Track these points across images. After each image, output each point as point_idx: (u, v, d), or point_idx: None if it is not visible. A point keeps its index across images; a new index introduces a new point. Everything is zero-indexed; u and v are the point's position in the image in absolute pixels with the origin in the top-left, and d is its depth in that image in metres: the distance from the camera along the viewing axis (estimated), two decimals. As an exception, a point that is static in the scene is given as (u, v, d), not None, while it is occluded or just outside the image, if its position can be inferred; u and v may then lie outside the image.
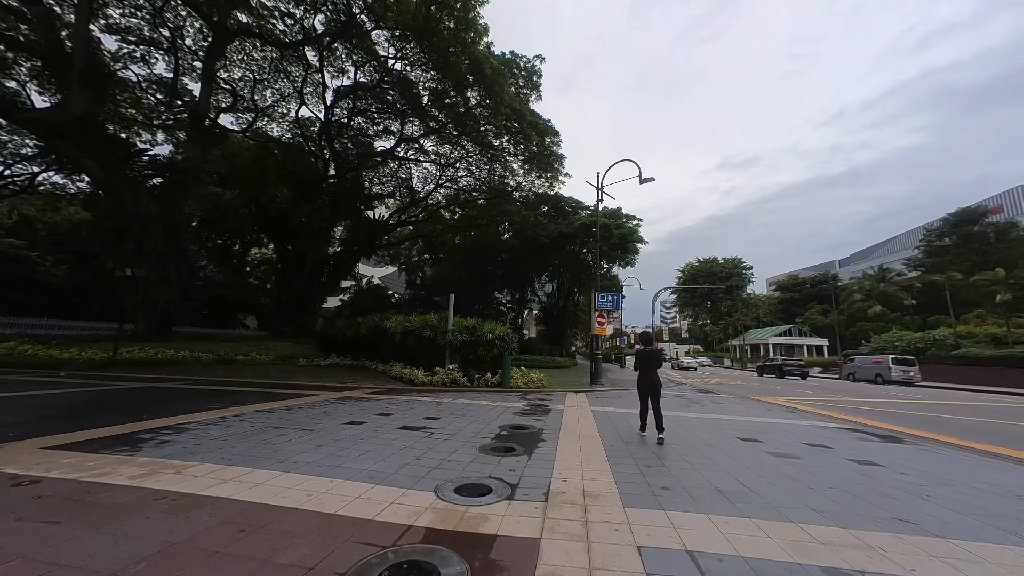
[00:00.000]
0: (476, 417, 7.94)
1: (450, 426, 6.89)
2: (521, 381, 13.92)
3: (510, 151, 28.75)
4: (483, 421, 7.51)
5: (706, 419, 8.92)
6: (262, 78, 25.94)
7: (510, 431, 6.70)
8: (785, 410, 11.06)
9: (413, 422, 7.15)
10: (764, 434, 7.30)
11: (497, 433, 6.51)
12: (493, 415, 8.24)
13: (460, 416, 7.96)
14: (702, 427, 7.85)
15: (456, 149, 30.32)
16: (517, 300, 39.62)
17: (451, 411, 8.57)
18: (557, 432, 6.77)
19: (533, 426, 7.19)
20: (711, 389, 17.67)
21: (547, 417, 8.30)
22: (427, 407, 9.04)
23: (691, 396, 14.03)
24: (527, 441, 6.02)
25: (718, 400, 13.02)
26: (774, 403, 12.72)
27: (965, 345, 28.85)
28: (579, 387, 15.17)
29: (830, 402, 13.80)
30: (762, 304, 63.40)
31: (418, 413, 8.14)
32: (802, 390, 18.91)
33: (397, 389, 12.42)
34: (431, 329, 13.99)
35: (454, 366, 13.43)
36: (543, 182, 30.71)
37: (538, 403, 10.34)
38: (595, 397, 12.56)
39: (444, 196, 35.19)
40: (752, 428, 7.93)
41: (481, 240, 34.90)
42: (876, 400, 14.88)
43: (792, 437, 7.12)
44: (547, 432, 6.75)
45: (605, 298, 16.16)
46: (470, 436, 6.19)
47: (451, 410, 8.70)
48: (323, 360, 17.71)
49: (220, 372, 14.71)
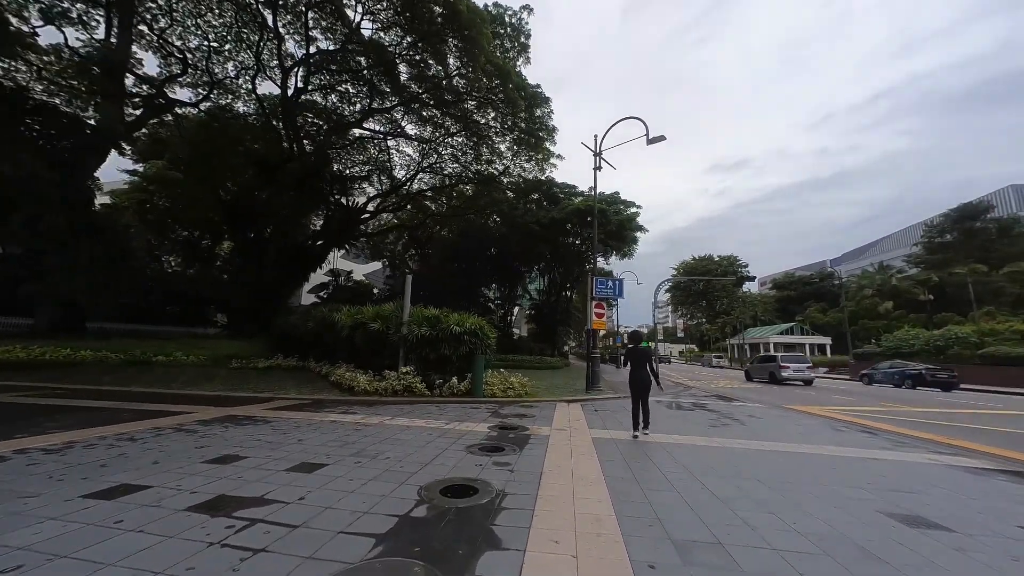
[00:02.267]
0: (396, 459, 4.58)
1: (324, 493, 3.50)
2: (498, 388, 10.56)
3: (496, 130, 25.48)
4: (400, 472, 4.14)
5: (770, 453, 5.60)
6: (221, 49, 22.50)
7: (434, 504, 3.33)
8: (859, 430, 7.77)
9: (251, 485, 3.76)
10: (912, 495, 3.97)
11: (403, 513, 3.14)
12: (429, 454, 4.87)
13: (369, 460, 4.58)
14: (790, 478, 4.50)
15: (438, 131, 26.98)
16: (506, 296, 36.24)
17: (365, 445, 5.20)
18: (532, 500, 3.42)
19: (489, 485, 3.82)
20: (728, 394, 14.40)
21: (520, 456, 4.95)
22: (333, 435, 5.66)
23: (714, 406, 10.73)
24: (458, 540, 2.67)
25: (752, 412, 9.74)
26: (825, 415, 9.46)
27: (990, 343, 25.88)
28: (573, 394, 11.84)
29: (887, 412, 10.56)
30: (759, 303, 60.48)
31: (296, 453, 4.76)
32: (834, 395, 15.67)
33: (327, 401, 9.01)
34: (381, 321, 10.60)
35: (408, 369, 10.03)
36: (533, 166, 27.45)
37: (513, 424, 6.98)
38: (593, 411, 9.22)
39: (428, 185, 31.86)
40: (872, 476, 4.61)
41: (468, 231, 31.58)
42: (938, 410, 11.65)
43: (971, 500, 3.81)
44: (512, 501, 3.40)
45: (604, 285, 12.86)
46: (336, 527, 2.83)
47: (367, 443, 5.33)
48: (264, 361, 14.32)
49: (120, 377, 11.23)
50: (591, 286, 12.73)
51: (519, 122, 23.03)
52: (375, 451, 4.87)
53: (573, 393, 12.12)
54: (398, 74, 22.77)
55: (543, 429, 6.59)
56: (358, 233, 30.34)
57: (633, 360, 6.60)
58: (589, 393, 12.15)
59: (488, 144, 26.74)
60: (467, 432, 6.18)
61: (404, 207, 32.40)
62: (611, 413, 8.82)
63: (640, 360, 6.52)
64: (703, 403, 11.42)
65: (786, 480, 4.29)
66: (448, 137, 27.58)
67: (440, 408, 8.57)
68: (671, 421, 8.00)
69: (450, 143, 28.23)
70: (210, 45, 22.07)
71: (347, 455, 4.64)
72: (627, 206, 25.59)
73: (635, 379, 6.42)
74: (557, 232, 25.71)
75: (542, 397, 10.87)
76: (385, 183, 29.58)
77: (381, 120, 26.20)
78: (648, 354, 6.69)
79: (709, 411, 9.71)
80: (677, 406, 10.49)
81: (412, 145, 29.51)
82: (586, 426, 7.05)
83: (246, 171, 23.63)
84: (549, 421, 7.41)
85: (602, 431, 6.69)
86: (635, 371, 6.47)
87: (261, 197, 23.91)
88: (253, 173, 24.07)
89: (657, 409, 9.50)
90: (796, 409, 10.85)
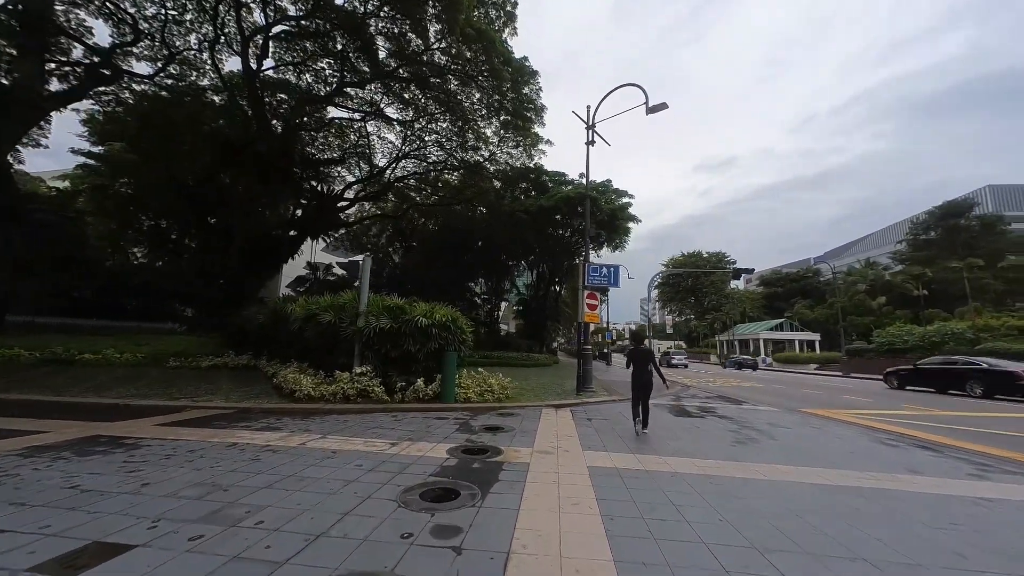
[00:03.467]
0: (270, 527, 2.75)
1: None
2: (474, 391, 8.77)
3: (482, 113, 23.58)
4: (252, 566, 2.31)
5: (840, 491, 3.90)
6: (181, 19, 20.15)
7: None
8: (914, 444, 6.16)
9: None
10: None
11: None
12: (334, 509, 3.06)
13: (218, 532, 2.74)
14: (911, 550, 2.79)
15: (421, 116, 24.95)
16: (493, 291, 34.42)
17: (241, 494, 3.35)
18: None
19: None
20: (729, 394, 12.84)
21: (480, 510, 3.16)
22: (209, 473, 3.80)
23: (723, 410, 9.10)
24: None
25: (771, 419, 8.11)
26: (854, 421, 7.89)
27: (986, 339, 24.94)
28: (561, 396, 10.11)
29: (916, 417, 9.04)
30: (747, 299, 59.64)
31: (106, 517, 2.91)
32: (844, 396, 14.23)
33: (254, 411, 7.11)
34: (334, 312, 8.71)
35: (364, 369, 8.16)
36: (520, 152, 25.59)
37: (484, 444, 5.20)
38: (586, 420, 7.49)
39: (411, 173, 29.80)
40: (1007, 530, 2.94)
41: (453, 223, 29.71)
42: (970, 414, 10.21)
43: None
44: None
45: (597, 272, 11.12)
46: None
47: (249, 487, 3.48)
48: (209, 360, 12.33)
49: (19, 380, 9.13)
50: (583, 273, 11.00)
51: (506, 102, 21.17)
52: (248, 506, 3.04)
53: (562, 395, 10.39)
54: (376, 49, 20.73)
55: (521, 452, 4.83)
56: (336, 222, 28.15)
57: (636, 360, 6.46)
58: (580, 395, 10.44)
59: (473, 129, 24.83)
60: (416, 459, 4.38)
61: (385, 196, 30.32)
62: (608, 422, 7.10)
63: (643, 360, 6.38)
64: (710, 406, 9.79)
65: (908, 555, 2.58)
66: (432, 122, 25.60)
67: (396, 419, 6.75)
68: (686, 435, 6.30)
69: (433, 129, 26.26)
70: (168, 13, 19.76)
71: (190, 519, 2.79)
72: (619, 195, 23.94)
73: (638, 379, 6.28)
74: (545, 221, 23.93)
75: (526, 401, 9.11)
76: (364, 169, 27.45)
77: (359, 102, 24.09)
78: (651, 354, 6.56)
79: (721, 418, 8.06)
80: (683, 411, 8.82)
81: (394, 131, 27.45)
82: (579, 445, 5.30)
83: (205, 151, 21.36)
84: (531, 437, 5.64)
85: (600, 454, 4.94)
86: (638, 371, 6.33)
87: (224, 181, 21.67)
88: (216, 155, 21.80)
89: (663, 416, 7.82)
90: (816, 414, 9.28)
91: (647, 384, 6.23)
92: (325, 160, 24.34)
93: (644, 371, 6.25)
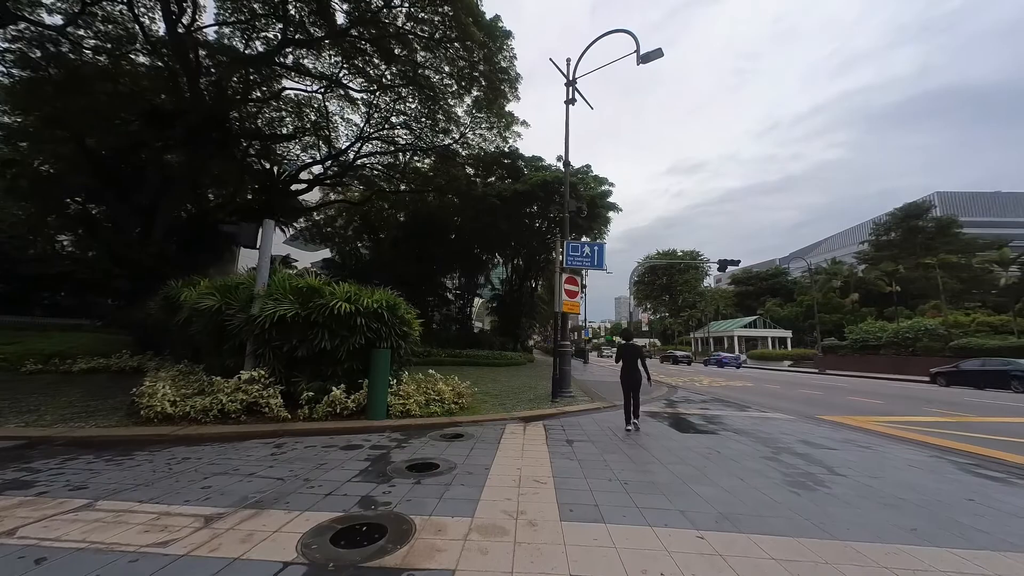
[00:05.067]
0: None
1: None
2: (417, 400, 6.41)
3: (452, 89, 21.16)
4: None
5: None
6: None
7: None
8: (1015, 472, 4.27)
9: None
10: None
11: None
12: None
13: None
14: None
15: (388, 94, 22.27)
16: (466, 286, 31.99)
17: None
18: None
19: None
20: (728, 398, 10.98)
21: None
22: None
23: (733, 421, 7.10)
24: None
25: (803, 435, 6.14)
26: (903, 435, 6.04)
27: (957, 335, 24.44)
28: (533, 404, 7.90)
29: (956, 425, 7.33)
30: (720, 297, 59.38)
31: None
32: (849, 397, 12.66)
33: (57, 440, 4.55)
34: (219, 295, 6.20)
35: (254, 373, 5.68)
36: (495, 135, 23.30)
37: (385, 514, 2.89)
38: (565, 445, 5.28)
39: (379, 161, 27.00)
40: None
41: (423, 210, 27.18)
42: (1010, 420, 8.64)
43: None
44: None
45: (578, 251, 8.97)
46: None
47: None
48: (88, 362, 9.52)
49: None
50: (562, 252, 8.82)
51: (476, 74, 18.84)
52: None
53: (534, 402, 8.19)
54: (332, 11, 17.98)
55: (448, 534, 2.55)
56: (293, 209, 25.04)
57: (626, 357, 6.31)
58: (556, 402, 8.25)
59: (443, 109, 22.36)
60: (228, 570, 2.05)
61: (348, 181, 27.40)
62: (596, 448, 4.90)
63: (632, 357, 6.26)
64: (712, 414, 7.79)
65: None
66: (398, 102, 22.97)
67: (280, 450, 4.36)
68: (713, 470, 4.17)
69: (401, 110, 23.62)
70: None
71: None
72: (599, 182, 22.04)
73: (627, 376, 6.18)
74: (520, 208, 21.72)
75: (486, 412, 6.84)
76: (323, 150, 24.47)
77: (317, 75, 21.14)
78: (640, 351, 6.42)
79: (738, 434, 6.03)
80: (685, 422, 6.76)
81: (359, 112, 24.65)
82: (555, 507, 3.06)
83: (129, 119, 18.07)
84: (478, 488, 3.37)
85: (592, 529, 2.72)
86: (627, 368, 6.22)
87: (154, 155, 18.43)
88: (143, 124, 18.50)
89: (664, 431, 5.70)
90: (842, 423, 7.43)
91: (637, 381, 6.14)
92: (273, 135, 21.28)
93: (634, 368, 6.16)
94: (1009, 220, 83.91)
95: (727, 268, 19.13)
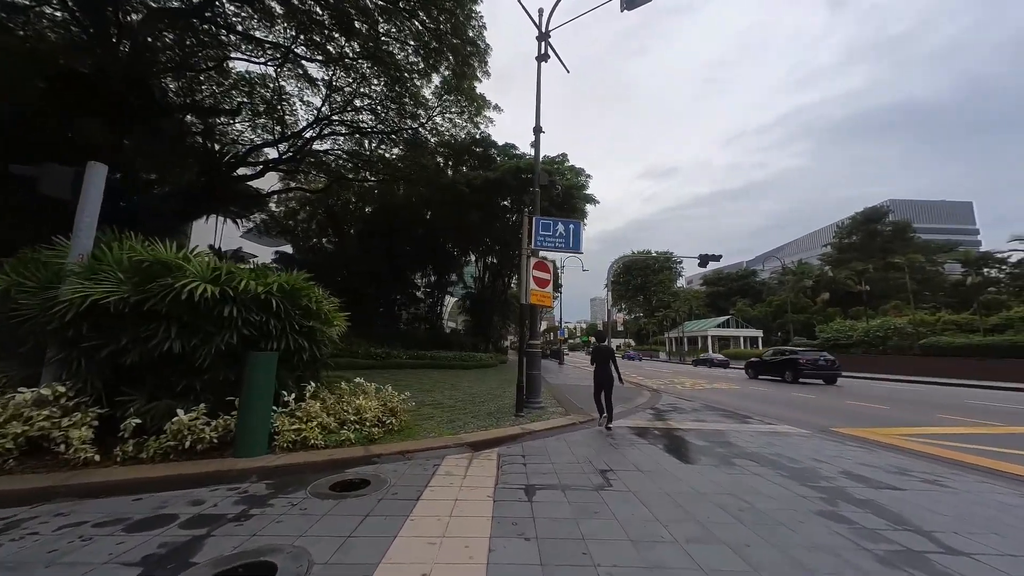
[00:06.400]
0: None
1: None
2: (319, 424, 4.47)
3: (419, 67, 19.18)
4: None
5: None
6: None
7: None
8: None
9: None
10: None
11: None
12: None
13: None
14: None
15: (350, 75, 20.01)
16: (437, 284, 29.90)
17: None
18: None
19: None
20: (719, 405, 9.53)
21: None
22: None
23: (741, 439, 5.52)
24: None
25: (840, 461, 4.59)
26: (958, 458, 4.61)
27: (925, 334, 24.32)
28: (490, 421, 6.10)
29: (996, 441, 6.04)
30: (692, 297, 59.43)
31: None
32: (847, 401, 11.48)
33: None
34: (12, 272, 4.11)
35: (53, 391, 3.64)
36: (465, 121, 21.46)
37: None
38: (520, 502, 3.48)
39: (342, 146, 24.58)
40: None
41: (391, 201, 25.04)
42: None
43: None
44: None
45: (550, 229, 7.25)
46: None
47: None
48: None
49: None
50: (530, 231, 7.07)
51: (444, 50, 16.95)
52: None
53: (492, 416, 6.38)
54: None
55: None
56: (237, 194, 22.27)
57: (598, 358, 6.31)
58: (520, 417, 6.47)
59: (410, 91, 20.30)
60: None
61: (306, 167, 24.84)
62: (571, 506, 3.12)
63: (604, 357, 6.27)
64: (712, 428, 6.21)
65: None
66: (363, 84, 20.73)
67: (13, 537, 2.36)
68: (753, 546, 2.47)
69: (366, 93, 21.38)
70: None
71: None
72: (575, 173, 20.53)
73: (599, 376, 6.18)
74: (492, 197, 19.88)
75: (422, 437, 4.97)
76: (277, 131, 21.86)
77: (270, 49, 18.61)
78: (611, 352, 6.44)
79: (758, 462, 4.40)
80: (683, 445, 5.10)
81: (320, 94, 22.23)
82: None
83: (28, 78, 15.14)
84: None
85: None
86: (599, 368, 6.22)
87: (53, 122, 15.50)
88: (44, 89, 15.57)
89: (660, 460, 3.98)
90: (867, 438, 6.00)
91: (607, 380, 6.13)
92: (213, 109, 18.62)
93: (605, 368, 6.18)
94: (952, 227, 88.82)
95: (707, 263, 17.94)
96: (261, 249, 38.00)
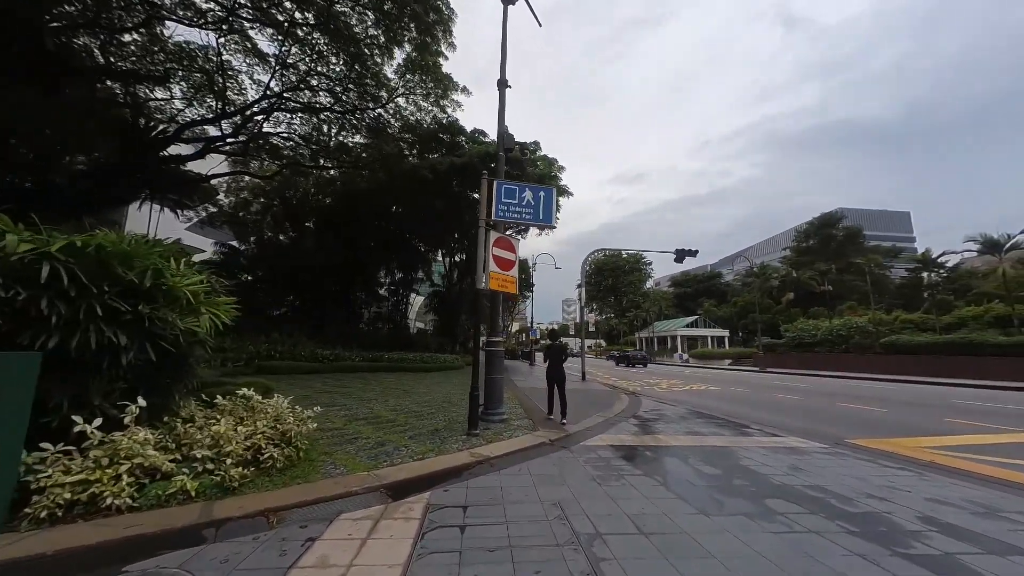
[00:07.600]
0: None
1: None
2: (135, 469, 2.73)
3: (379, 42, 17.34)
4: None
5: None
6: None
7: None
8: None
9: None
10: None
11: None
12: None
13: None
14: None
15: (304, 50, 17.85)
16: (402, 282, 27.85)
17: None
18: None
19: None
20: (706, 409, 8.33)
21: None
22: None
23: (753, 457, 4.21)
24: None
25: (883, 494, 3.33)
26: None
27: (884, 332, 24.66)
28: (435, 439, 4.50)
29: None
30: (662, 298, 59.83)
31: None
32: (839, 403, 10.60)
33: None
34: None
35: None
36: (431, 104, 19.72)
37: None
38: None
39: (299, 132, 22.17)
40: None
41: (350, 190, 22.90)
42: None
43: None
44: None
45: (515, 196, 5.73)
46: None
47: None
48: None
49: None
50: (489, 199, 5.53)
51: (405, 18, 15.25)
52: None
53: (439, 436, 4.77)
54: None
55: None
56: (172, 175, 19.45)
57: (552, 356, 6.62)
58: (471, 438, 4.87)
59: (371, 70, 18.32)
60: None
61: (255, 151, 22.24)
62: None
63: (557, 356, 6.56)
64: (716, 447, 4.88)
65: None
66: (319, 62, 18.54)
67: None
68: None
69: (324, 72, 19.18)
70: None
71: None
72: (548, 164, 19.22)
73: (551, 372, 6.51)
74: (461, 185, 18.19)
75: (316, 477, 3.28)
76: (216, 107, 19.24)
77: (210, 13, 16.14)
78: (564, 350, 6.73)
79: (801, 505, 3.04)
80: (696, 479, 3.71)
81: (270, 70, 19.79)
82: None
83: None
84: None
85: None
86: (552, 365, 6.53)
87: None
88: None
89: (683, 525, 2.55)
90: (883, 451, 4.84)
91: (559, 376, 6.35)
92: (131, 72, 15.97)
93: (558, 366, 6.44)
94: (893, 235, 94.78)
95: (683, 259, 17.06)
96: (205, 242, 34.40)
